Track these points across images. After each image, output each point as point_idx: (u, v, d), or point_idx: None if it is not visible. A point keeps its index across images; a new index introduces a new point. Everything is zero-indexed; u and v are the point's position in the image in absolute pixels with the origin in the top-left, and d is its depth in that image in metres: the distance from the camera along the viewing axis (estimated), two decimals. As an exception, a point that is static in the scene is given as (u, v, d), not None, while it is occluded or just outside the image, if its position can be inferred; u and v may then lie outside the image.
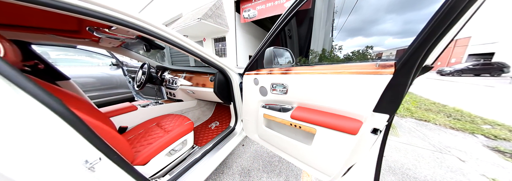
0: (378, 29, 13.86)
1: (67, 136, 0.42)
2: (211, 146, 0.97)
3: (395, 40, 20.40)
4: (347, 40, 4.87)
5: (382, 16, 21.94)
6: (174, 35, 0.72)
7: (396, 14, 24.78)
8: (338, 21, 3.08)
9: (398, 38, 15.77)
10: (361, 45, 4.92)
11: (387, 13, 25.63)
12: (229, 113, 1.59)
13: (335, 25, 3.00)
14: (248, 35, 5.88)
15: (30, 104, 0.37)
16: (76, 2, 0.45)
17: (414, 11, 16.07)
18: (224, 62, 1.02)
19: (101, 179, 0.48)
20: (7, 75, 0.35)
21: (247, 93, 0.97)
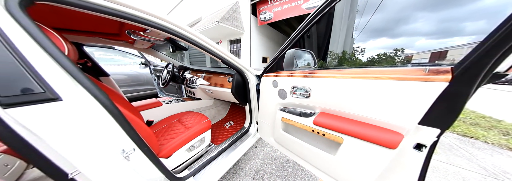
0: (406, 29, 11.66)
1: (110, 127, 0.47)
2: (226, 146, 0.98)
3: (429, 42, 16.76)
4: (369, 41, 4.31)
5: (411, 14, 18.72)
6: (199, 37, 0.76)
7: (430, 12, 20.40)
8: (359, 21, 2.86)
9: (433, 39, 12.79)
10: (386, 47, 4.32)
11: (418, 10, 21.41)
12: (243, 114, 1.60)
13: (356, 26, 2.79)
14: (263, 37, 5.92)
15: (85, 97, 0.43)
16: (125, 9, 0.53)
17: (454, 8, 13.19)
18: (242, 64, 1.03)
19: (134, 168, 0.52)
20: (70, 71, 0.42)
21: (265, 95, 0.95)
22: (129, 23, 0.57)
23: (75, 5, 0.45)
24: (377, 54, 2.46)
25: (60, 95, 0.38)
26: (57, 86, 0.38)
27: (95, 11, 0.49)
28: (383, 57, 1.91)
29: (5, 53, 0.34)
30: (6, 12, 0.36)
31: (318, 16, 0.64)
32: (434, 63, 0.45)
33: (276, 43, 6.81)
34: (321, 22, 2.56)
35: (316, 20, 0.66)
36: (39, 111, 0.35)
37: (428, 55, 1.31)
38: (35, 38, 0.38)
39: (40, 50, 0.39)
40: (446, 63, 0.43)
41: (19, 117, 0.33)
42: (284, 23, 6.50)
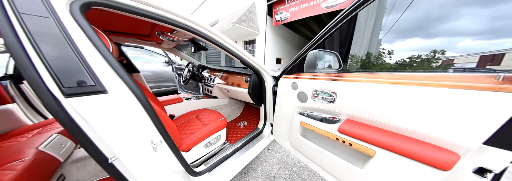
0: (446, 28, 9.15)
1: (142, 119, 0.51)
2: (241, 145, 0.98)
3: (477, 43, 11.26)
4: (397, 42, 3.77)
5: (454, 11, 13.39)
6: (221, 38, 0.79)
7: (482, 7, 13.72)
8: (386, 20, 2.57)
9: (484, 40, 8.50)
10: (418, 49, 3.71)
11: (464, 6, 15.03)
12: (257, 114, 1.60)
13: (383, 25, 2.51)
14: (277, 37, 5.86)
15: (124, 91, 0.47)
16: (161, 13, 0.59)
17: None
18: (260, 65, 1.03)
19: (160, 159, 0.56)
20: (114, 67, 0.47)
21: (282, 97, 0.93)
22: (162, 25, 0.62)
23: (122, 10, 0.51)
24: (410, 57, 2.09)
25: (106, 88, 0.43)
26: (105, 80, 0.44)
27: (137, 14, 0.54)
28: (418, 61, 1.62)
29: (69, 51, 0.40)
30: (70, 16, 0.42)
31: (349, 16, 0.58)
32: (509, 70, 0.36)
33: (290, 44, 6.66)
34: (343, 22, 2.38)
35: (345, 21, 0.61)
36: (90, 101, 0.40)
37: (475, 59, 1.08)
38: (90, 38, 0.44)
39: (93, 48, 0.45)
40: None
41: (76, 105, 0.38)
42: (299, 23, 6.31)
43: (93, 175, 0.87)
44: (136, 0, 0.53)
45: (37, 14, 0.37)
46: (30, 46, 0.35)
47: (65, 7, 0.41)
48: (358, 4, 0.54)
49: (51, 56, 0.37)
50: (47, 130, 0.91)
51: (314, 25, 6.61)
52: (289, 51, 6.59)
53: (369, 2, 0.52)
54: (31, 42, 0.36)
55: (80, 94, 0.39)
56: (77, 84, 0.39)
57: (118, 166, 0.47)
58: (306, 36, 7.85)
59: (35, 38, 0.36)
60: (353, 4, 0.55)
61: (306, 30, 7.15)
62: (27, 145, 0.71)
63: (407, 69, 1.80)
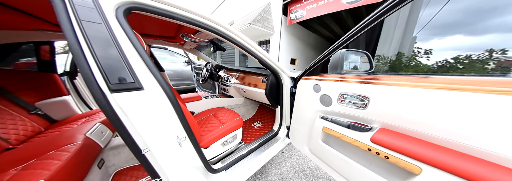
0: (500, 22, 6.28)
1: (170, 115, 0.54)
2: (256, 146, 0.97)
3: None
4: (433, 40, 2.95)
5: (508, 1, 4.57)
6: (243, 38, 0.79)
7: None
8: (422, 15, 2.21)
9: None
10: (461, 48, 2.93)
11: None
12: (271, 116, 1.57)
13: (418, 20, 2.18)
14: (292, 37, 5.69)
15: (157, 88, 0.51)
16: (190, 15, 0.62)
17: None
18: (279, 65, 1.00)
19: (184, 154, 0.58)
20: (149, 66, 0.51)
21: (302, 100, 0.88)
22: (189, 26, 0.66)
23: (158, 13, 0.56)
24: (455, 57, 1.69)
25: (143, 85, 0.47)
26: (142, 78, 0.48)
27: (170, 17, 0.59)
28: (466, 62, 1.29)
29: (115, 52, 0.45)
30: (116, 21, 0.47)
31: (387, 14, 0.51)
32: None
33: (306, 44, 6.40)
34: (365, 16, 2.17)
35: (382, 19, 0.53)
36: (130, 97, 0.45)
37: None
38: (131, 40, 0.49)
39: (133, 49, 0.49)
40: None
41: (118, 100, 0.43)
42: (316, 22, 6.01)
43: (125, 161, 0.98)
44: (169, 4, 0.57)
45: (93, 21, 0.42)
46: (86, 48, 0.41)
47: (112, 12, 0.47)
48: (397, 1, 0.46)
49: (102, 56, 0.42)
50: (92, 119, 1.06)
51: (332, 23, 6.21)
52: (304, 51, 6.35)
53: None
54: (88, 45, 0.41)
55: (122, 90, 0.44)
56: (120, 81, 0.44)
57: (149, 158, 0.51)
58: (323, 36, 7.43)
59: (90, 41, 0.41)
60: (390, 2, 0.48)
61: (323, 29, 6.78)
62: (78, 131, 0.84)
63: (451, 72, 1.51)
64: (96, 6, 0.44)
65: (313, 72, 0.82)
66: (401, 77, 0.49)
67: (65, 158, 0.63)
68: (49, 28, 0.93)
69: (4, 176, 0.57)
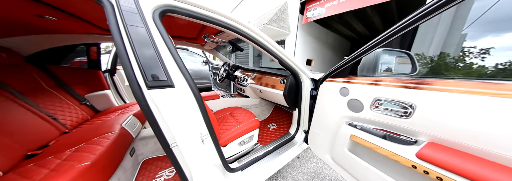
0: None
1: (195, 112, 0.55)
2: (272, 149, 0.95)
3: None
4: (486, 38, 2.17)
5: None
6: (264, 38, 0.79)
7: None
8: (473, 7, 1.79)
9: None
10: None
11: None
12: (287, 118, 1.53)
13: None
14: (309, 36, 5.46)
15: (185, 86, 0.53)
16: (218, 17, 0.65)
17: None
18: (300, 66, 0.96)
19: (206, 151, 0.60)
20: (179, 65, 0.53)
21: (325, 103, 0.82)
22: (216, 27, 0.67)
23: (189, 15, 0.59)
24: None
25: (174, 83, 0.50)
26: (173, 76, 0.51)
27: (199, 19, 0.61)
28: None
29: (152, 52, 0.48)
30: (153, 24, 0.51)
31: (444, 7, 0.42)
32: None
33: (323, 44, 6.05)
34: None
35: (437, 14, 0.44)
36: (163, 93, 0.48)
37: None
38: (165, 41, 0.53)
39: (166, 50, 0.52)
40: None
41: (153, 96, 0.46)
42: (336, 20, 5.62)
43: (151, 152, 1.07)
44: (201, 7, 0.60)
45: (136, 25, 0.47)
46: (130, 49, 0.45)
47: (150, 15, 0.51)
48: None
49: (142, 56, 0.46)
50: (126, 111, 1.19)
51: (354, 22, 5.73)
52: (321, 52, 6.01)
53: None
54: (131, 46, 0.45)
55: (157, 87, 0.47)
56: (156, 79, 0.47)
57: (175, 152, 0.54)
58: (344, 35, 6.92)
59: (134, 43, 0.45)
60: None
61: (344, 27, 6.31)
62: (115, 121, 0.96)
63: None
64: (138, 11, 0.48)
65: (340, 74, 0.76)
66: (461, 83, 0.41)
67: (106, 145, 0.72)
68: (98, 32, 1.09)
69: (61, 156, 0.68)
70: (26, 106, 0.88)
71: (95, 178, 0.60)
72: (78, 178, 0.53)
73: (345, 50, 7.78)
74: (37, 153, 0.76)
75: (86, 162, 0.59)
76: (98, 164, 0.62)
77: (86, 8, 0.74)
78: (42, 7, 0.67)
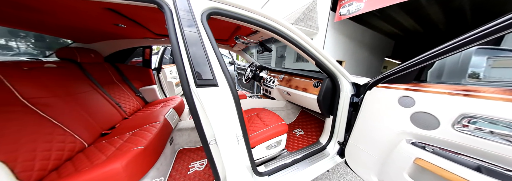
0: None
1: (233, 112, 0.55)
2: (301, 157, 0.88)
3: None
4: None
5: None
6: (303, 38, 0.74)
7: None
8: None
9: None
10: None
11: None
12: (315, 125, 1.40)
13: None
14: (340, 35, 4.92)
15: (226, 86, 0.54)
16: (262, 18, 0.65)
17: None
18: (340, 68, 0.85)
19: (239, 151, 0.60)
20: (222, 66, 0.55)
21: (374, 114, 0.68)
22: (254, 28, 0.67)
23: (232, 17, 0.60)
24: None
25: (218, 82, 0.52)
26: (217, 76, 0.53)
27: (241, 20, 0.62)
28: None
29: (202, 53, 0.51)
30: (202, 25, 0.54)
31: None
32: None
33: (358, 43, 5.33)
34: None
35: None
36: (208, 92, 0.50)
37: None
38: (211, 43, 0.55)
39: (212, 51, 0.55)
40: None
41: (200, 94, 0.49)
42: (376, 15, 4.81)
43: (185, 143, 1.19)
44: (243, 8, 0.61)
45: (191, 31, 0.51)
46: (184, 51, 0.49)
47: (198, 19, 0.54)
48: None
49: (194, 57, 0.49)
50: (167, 104, 1.37)
51: (401, 16, 4.77)
52: (355, 52, 5.31)
53: None
54: (185, 48, 0.49)
55: (204, 85, 0.50)
56: (204, 78, 0.50)
57: (212, 149, 0.56)
58: (385, 32, 5.89)
59: (188, 46, 0.49)
60: None
61: (386, 23, 5.36)
62: (160, 112, 1.11)
63: None
64: (192, 15, 0.52)
65: (400, 79, 0.61)
66: None
67: (154, 132, 0.83)
68: (152, 36, 1.29)
69: (123, 137, 0.82)
70: (103, 94, 1.13)
71: (146, 160, 0.70)
72: (135, 159, 0.63)
73: (386, 50, 6.62)
74: (108, 132, 0.96)
75: (140, 146, 0.70)
76: (149, 149, 0.72)
77: (148, 16, 0.88)
78: (118, 17, 0.84)
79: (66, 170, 0.63)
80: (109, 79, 1.31)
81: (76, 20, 0.85)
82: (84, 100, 0.97)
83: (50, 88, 0.81)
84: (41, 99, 0.74)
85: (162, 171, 0.85)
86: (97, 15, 0.80)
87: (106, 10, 0.74)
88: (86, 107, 0.94)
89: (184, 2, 0.52)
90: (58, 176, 0.60)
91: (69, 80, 0.96)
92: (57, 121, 0.74)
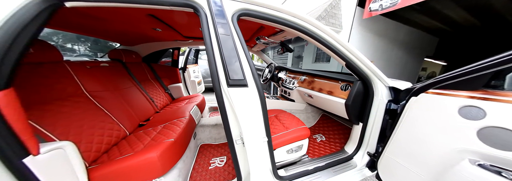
0: None
1: (258, 112, 0.55)
2: (324, 165, 0.82)
3: None
4: None
5: None
6: (334, 37, 0.70)
7: None
8: None
9: None
10: None
11: None
12: (337, 131, 1.30)
13: None
14: (368, 33, 4.42)
15: (254, 86, 0.54)
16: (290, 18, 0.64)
17: None
18: (376, 71, 0.75)
19: (263, 154, 0.59)
20: (251, 67, 0.55)
21: (423, 125, 0.58)
22: (282, 28, 0.66)
23: (260, 17, 0.60)
24: None
25: (248, 83, 0.53)
26: (247, 77, 0.54)
27: (268, 20, 0.61)
28: None
29: (235, 55, 0.53)
30: (232, 26, 0.55)
31: None
32: None
33: (391, 41, 4.68)
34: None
35: None
36: (239, 92, 0.52)
37: None
38: (242, 45, 0.56)
39: (243, 52, 0.56)
40: None
41: (231, 93, 0.50)
42: (415, 9, 4.12)
43: (206, 139, 1.26)
44: (274, 8, 0.60)
45: (225, 33, 0.53)
46: (217, 51, 0.51)
47: (230, 20, 0.56)
48: None
49: (227, 58, 0.51)
50: (191, 101, 1.48)
51: (449, 7, 3.97)
52: (385, 51, 4.69)
53: None
54: (219, 49, 0.51)
55: (235, 86, 0.51)
56: (235, 78, 0.51)
57: (237, 148, 0.57)
58: (426, 28, 5.00)
59: (222, 46, 0.51)
60: None
61: (428, 18, 4.55)
62: (186, 108, 1.20)
63: None
64: (225, 18, 0.54)
65: (463, 85, 0.50)
66: None
67: (182, 127, 0.90)
68: (181, 39, 1.42)
69: (156, 129, 0.92)
70: (140, 90, 1.29)
71: (176, 152, 0.76)
72: (167, 150, 0.69)
73: (427, 49, 5.64)
74: (144, 124, 1.09)
75: (170, 139, 0.76)
76: (178, 142, 0.78)
77: (179, 20, 0.96)
78: (157, 22, 0.94)
79: (113, 153, 0.74)
80: (145, 77, 1.50)
81: (125, 25, 1.00)
82: (127, 94, 1.13)
83: (103, 84, 0.97)
84: (97, 92, 0.90)
85: (187, 163, 0.92)
86: (141, 21, 0.92)
87: (148, 16, 0.84)
88: (128, 100, 1.10)
89: (217, 5, 0.54)
90: (108, 158, 0.71)
91: (116, 77, 1.14)
92: (108, 111, 0.88)
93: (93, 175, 0.57)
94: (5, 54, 0.36)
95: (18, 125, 0.40)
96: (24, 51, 0.40)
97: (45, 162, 0.45)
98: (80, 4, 0.45)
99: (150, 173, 0.64)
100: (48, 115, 0.64)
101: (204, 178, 0.89)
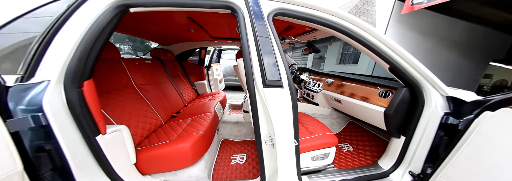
0: None
1: (289, 114, 0.53)
2: (353, 179, 0.74)
3: None
4: None
5: None
6: (379, 37, 0.63)
7: None
8: None
9: None
10: None
11: None
12: (367, 141, 1.16)
13: None
14: (408, 31, 3.78)
15: (288, 89, 0.53)
16: (329, 17, 0.61)
17: None
18: (430, 76, 0.64)
19: (292, 157, 0.58)
20: (286, 69, 0.53)
21: (504, 149, 0.46)
22: (315, 27, 0.64)
23: (295, 17, 0.58)
24: None
25: (283, 84, 0.53)
26: (282, 79, 0.53)
27: (304, 19, 0.59)
28: None
29: (272, 55, 0.52)
30: (268, 25, 0.54)
31: None
32: None
33: (440, 40, 3.87)
34: None
35: None
36: (274, 92, 0.52)
37: None
38: (278, 46, 0.55)
39: (278, 52, 0.55)
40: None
41: (266, 94, 0.51)
42: (478, 0, 3.27)
43: (227, 135, 1.32)
44: (311, 7, 0.58)
45: (264, 36, 0.53)
46: (255, 51, 0.52)
47: (266, 20, 0.55)
48: None
49: (264, 57, 0.51)
50: (214, 98, 1.58)
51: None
52: (429, 53, 3.92)
53: None
54: (257, 49, 0.52)
55: (271, 86, 0.51)
56: (272, 79, 0.51)
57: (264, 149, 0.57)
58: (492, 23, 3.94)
59: (260, 47, 0.52)
60: None
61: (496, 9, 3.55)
62: (211, 104, 1.28)
63: None
64: (263, 19, 0.55)
65: None
66: None
67: (208, 121, 0.96)
68: (208, 39, 1.52)
69: (186, 121, 1.01)
70: (173, 85, 1.45)
71: (203, 144, 0.82)
72: (198, 142, 0.75)
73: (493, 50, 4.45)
74: (175, 115, 1.21)
75: (200, 132, 0.82)
76: (206, 135, 0.84)
77: (211, 21, 1.02)
78: (192, 23, 1.02)
79: (153, 139, 0.85)
80: (177, 74, 1.67)
81: (167, 27, 1.13)
82: (163, 88, 1.28)
83: (146, 78, 1.12)
84: (142, 85, 1.04)
85: (212, 156, 0.98)
86: (180, 23, 1.02)
87: (187, 18, 0.92)
88: (164, 93, 1.24)
89: (256, 6, 0.55)
90: (149, 143, 0.82)
91: (156, 73, 1.30)
92: (149, 102, 1.01)
93: (139, 156, 0.66)
94: (91, 50, 0.46)
95: (95, 109, 0.50)
96: (102, 47, 0.50)
97: (109, 140, 0.54)
98: (140, 10, 0.53)
99: (182, 161, 0.71)
100: (110, 102, 0.77)
101: (226, 173, 0.93)
